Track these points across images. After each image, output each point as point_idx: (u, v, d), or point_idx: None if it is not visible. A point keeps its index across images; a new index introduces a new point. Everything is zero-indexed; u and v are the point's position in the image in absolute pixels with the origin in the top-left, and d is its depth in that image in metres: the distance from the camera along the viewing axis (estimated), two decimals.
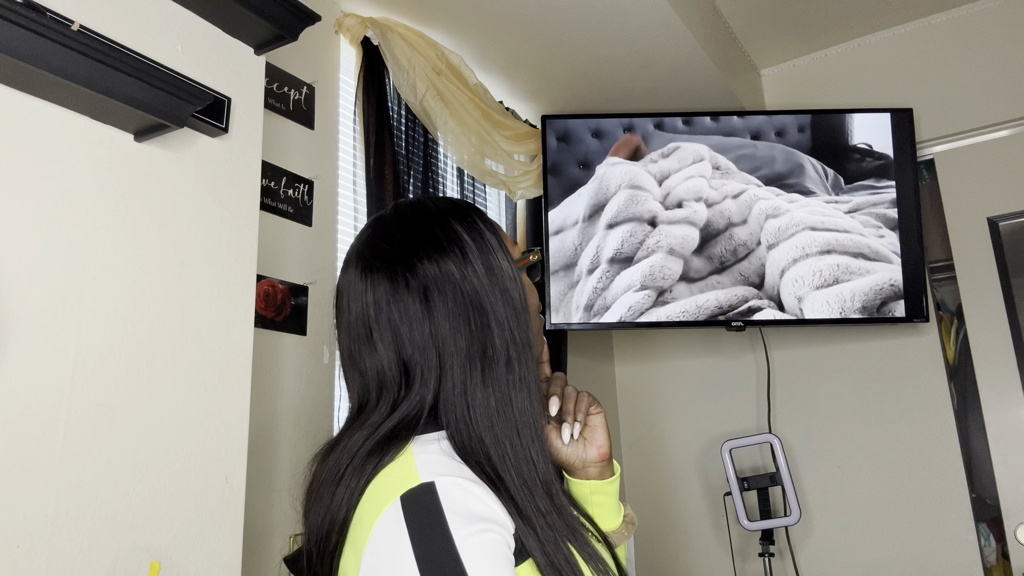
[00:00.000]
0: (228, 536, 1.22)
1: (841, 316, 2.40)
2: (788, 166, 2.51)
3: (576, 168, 2.53)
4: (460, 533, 0.63)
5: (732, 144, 2.53)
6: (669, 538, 2.82)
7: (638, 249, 2.46)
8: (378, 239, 0.80)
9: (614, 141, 2.54)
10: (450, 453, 0.71)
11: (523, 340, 0.76)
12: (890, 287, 2.39)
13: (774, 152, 2.52)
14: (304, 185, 1.83)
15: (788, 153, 2.52)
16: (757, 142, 2.53)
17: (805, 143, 2.53)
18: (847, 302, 2.40)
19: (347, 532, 0.69)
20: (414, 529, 0.64)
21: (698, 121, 2.55)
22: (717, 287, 2.44)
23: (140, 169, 1.20)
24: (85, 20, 1.14)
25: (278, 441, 1.65)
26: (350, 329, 0.78)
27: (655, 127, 2.54)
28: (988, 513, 2.52)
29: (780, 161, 2.51)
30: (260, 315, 1.63)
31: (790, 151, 2.52)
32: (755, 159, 2.52)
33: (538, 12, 2.13)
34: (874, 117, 2.55)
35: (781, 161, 2.51)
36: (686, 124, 2.55)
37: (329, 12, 2.00)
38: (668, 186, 2.50)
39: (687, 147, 2.53)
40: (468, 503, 0.66)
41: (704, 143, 2.53)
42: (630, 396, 3.03)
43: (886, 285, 2.39)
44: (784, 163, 2.51)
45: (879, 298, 2.39)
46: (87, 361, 1.08)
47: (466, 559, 0.62)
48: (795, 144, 2.53)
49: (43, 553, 0.99)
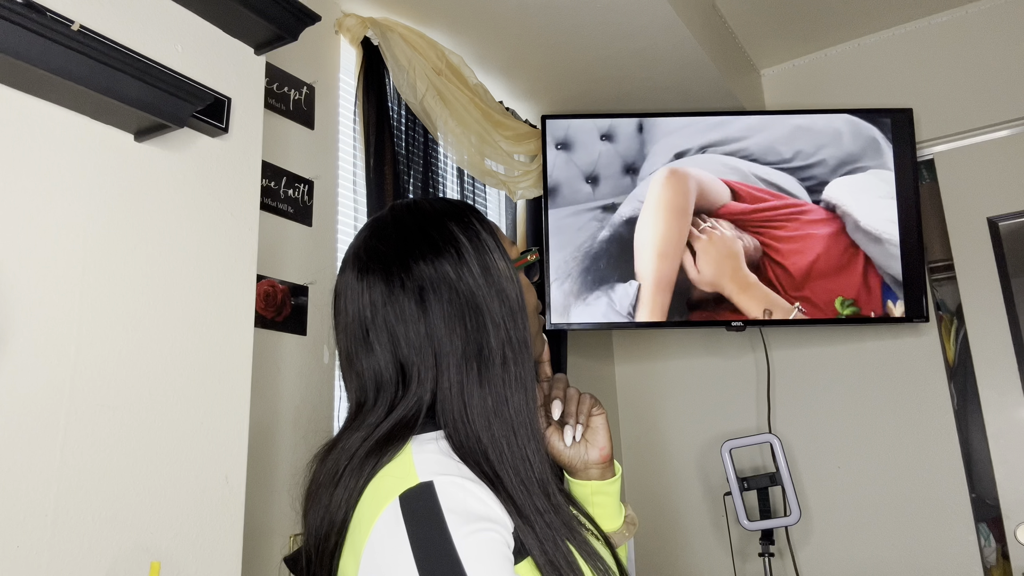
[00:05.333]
0: (228, 536, 1.22)
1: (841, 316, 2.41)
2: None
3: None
4: (459, 532, 0.63)
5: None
6: (669, 538, 2.82)
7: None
8: (374, 240, 0.81)
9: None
10: (448, 453, 0.71)
11: (519, 340, 0.77)
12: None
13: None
14: (304, 185, 1.83)
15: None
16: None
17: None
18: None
19: (346, 532, 0.69)
20: (413, 528, 0.64)
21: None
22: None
23: (140, 169, 1.20)
24: (85, 20, 1.14)
25: (278, 441, 1.65)
26: (347, 330, 0.79)
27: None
28: (988, 513, 2.52)
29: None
30: (260, 315, 1.63)
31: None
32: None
33: (538, 12, 2.13)
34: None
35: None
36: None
37: (329, 12, 2.00)
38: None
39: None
40: (467, 502, 0.66)
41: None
42: (630, 396, 3.03)
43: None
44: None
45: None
46: (87, 361, 1.08)
47: (465, 558, 0.62)
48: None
49: (43, 553, 0.99)
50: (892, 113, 2.54)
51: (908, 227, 2.46)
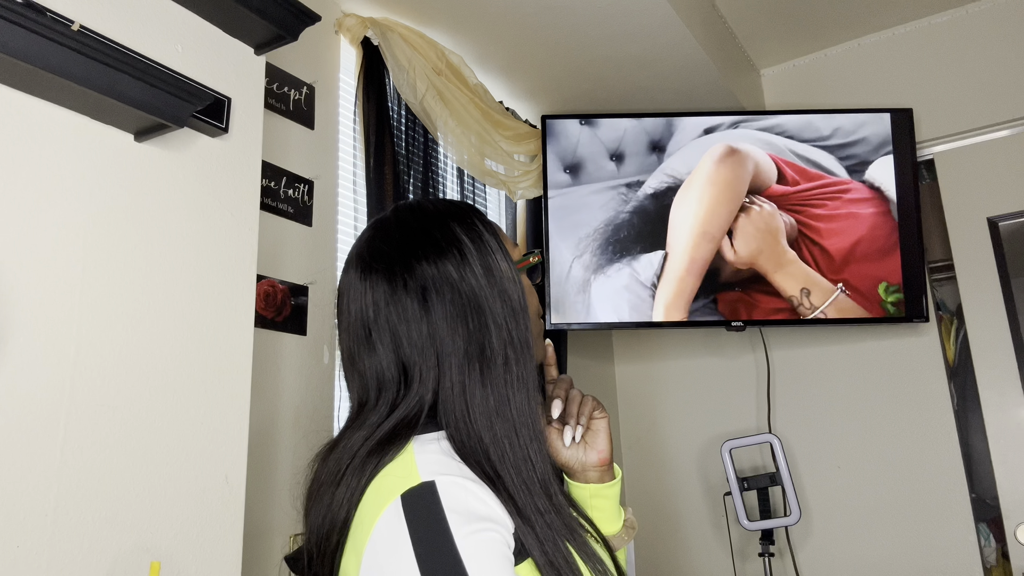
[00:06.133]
0: (228, 536, 1.22)
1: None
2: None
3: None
4: (460, 532, 0.64)
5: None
6: (669, 538, 2.82)
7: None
8: (377, 241, 0.81)
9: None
10: (450, 453, 0.71)
11: (521, 340, 0.77)
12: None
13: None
14: (304, 185, 1.83)
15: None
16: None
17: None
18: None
19: (348, 531, 0.69)
20: (414, 527, 0.64)
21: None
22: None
23: (140, 169, 1.20)
24: (85, 20, 1.14)
25: (278, 441, 1.65)
26: (350, 329, 0.79)
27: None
28: (988, 513, 2.52)
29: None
30: (260, 315, 1.63)
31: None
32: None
33: (538, 12, 2.13)
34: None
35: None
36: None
37: (329, 12, 2.00)
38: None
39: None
40: (468, 502, 0.66)
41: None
42: (630, 396, 3.03)
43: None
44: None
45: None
46: (87, 361, 1.08)
47: (466, 557, 0.62)
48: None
49: (43, 553, 0.99)
50: (892, 113, 2.54)
51: (908, 227, 2.46)
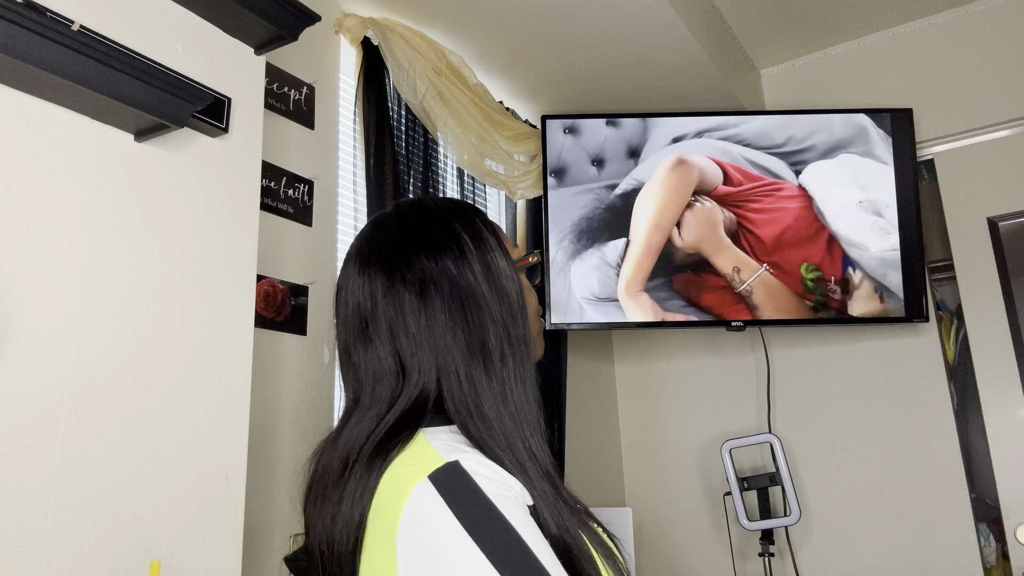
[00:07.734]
0: (228, 536, 1.22)
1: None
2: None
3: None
4: (502, 502, 0.65)
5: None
6: (669, 538, 2.82)
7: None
8: (377, 236, 0.81)
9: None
10: (464, 441, 0.71)
11: (518, 338, 0.77)
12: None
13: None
14: (304, 185, 1.83)
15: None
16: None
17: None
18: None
19: (365, 528, 0.68)
20: (454, 502, 0.64)
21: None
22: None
23: (140, 169, 1.20)
24: (85, 20, 1.14)
25: (278, 441, 1.65)
26: (347, 323, 0.79)
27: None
28: (988, 513, 2.52)
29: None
30: (260, 315, 1.63)
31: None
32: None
33: (538, 12, 2.13)
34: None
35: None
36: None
37: (329, 12, 2.00)
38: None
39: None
40: (495, 476, 0.67)
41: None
42: (630, 396, 3.03)
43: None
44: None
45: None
46: (87, 361, 1.08)
47: (513, 521, 0.63)
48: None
49: (43, 553, 0.99)
50: (892, 113, 2.54)
51: (908, 227, 2.46)
